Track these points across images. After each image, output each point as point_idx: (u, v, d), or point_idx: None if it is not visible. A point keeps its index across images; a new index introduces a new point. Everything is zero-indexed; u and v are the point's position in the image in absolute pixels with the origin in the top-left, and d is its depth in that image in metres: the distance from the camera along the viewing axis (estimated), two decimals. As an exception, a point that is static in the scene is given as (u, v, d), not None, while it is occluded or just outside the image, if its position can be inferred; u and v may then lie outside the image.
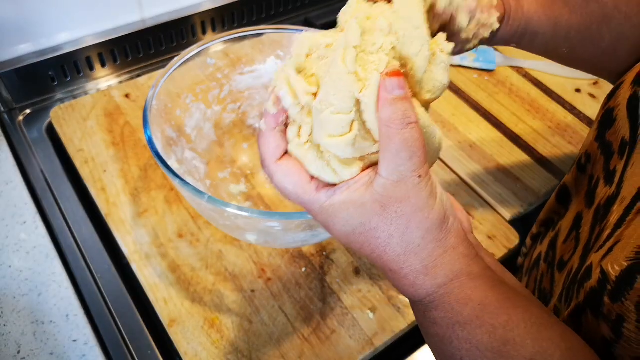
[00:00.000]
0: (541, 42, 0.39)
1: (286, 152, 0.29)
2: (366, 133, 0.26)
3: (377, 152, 0.27)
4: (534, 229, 0.52)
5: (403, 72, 0.26)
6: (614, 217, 0.33)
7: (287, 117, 0.28)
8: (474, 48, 0.37)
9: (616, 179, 0.36)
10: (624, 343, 0.29)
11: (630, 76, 0.38)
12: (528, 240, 0.53)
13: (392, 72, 0.25)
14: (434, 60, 0.27)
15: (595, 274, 0.31)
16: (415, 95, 0.27)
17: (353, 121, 0.26)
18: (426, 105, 0.29)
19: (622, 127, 0.37)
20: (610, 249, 0.31)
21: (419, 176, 0.26)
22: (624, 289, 0.28)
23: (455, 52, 0.36)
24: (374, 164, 0.28)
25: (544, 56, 0.43)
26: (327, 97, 0.25)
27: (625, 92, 0.37)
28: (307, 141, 0.27)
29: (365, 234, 0.27)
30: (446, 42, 0.28)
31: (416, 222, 0.26)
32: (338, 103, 0.25)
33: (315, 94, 0.26)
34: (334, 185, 0.28)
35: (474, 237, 0.31)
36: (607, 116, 0.39)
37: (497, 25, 0.36)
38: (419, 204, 0.26)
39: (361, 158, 0.27)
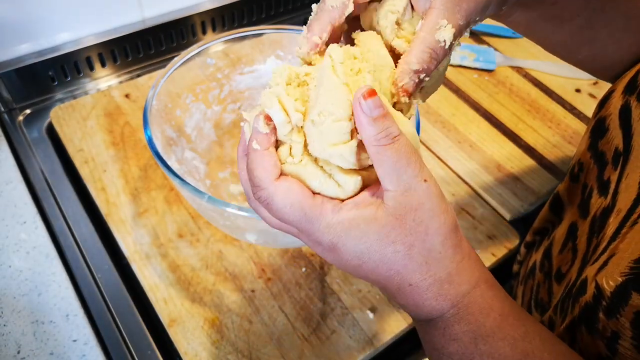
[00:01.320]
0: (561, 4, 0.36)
1: (281, 174, 0.27)
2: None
3: None
4: (528, 237, 0.52)
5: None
6: (610, 230, 0.33)
7: (276, 140, 0.28)
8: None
9: (611, 190, 0.35)
10: None
11: (620, 85, 0.38)
12: (522, 249, 0.53)
13: (367, 93, 0.24)
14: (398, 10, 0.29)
15: (590, 289, 0.31)
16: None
17: (352, 129, 0.26)
18: (408, 106, 0.30)
19: (615, 136, 0.36)
20: (605, 263, 0.31)
21: (425, 180, 0.25)
22: (618, 305, 0.28)
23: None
24: (374, 178, 0.27)
25: (558, 28, 0.38)
26: (326, 107, 0.26)
27: (617, 102, 0.37)
28: (301, 160, 0.27)
29: (382, 251, 0.26)
30: None
31: (434, 227, 0.26)
32: (337, 111, 0.25)
33: (304, 114, 0.27)
34: (339, 199, 0.27)
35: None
36: (599, 125, 0.39)
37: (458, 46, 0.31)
38: (434, 209, 0.25)
39: (362, 170, 0.27)
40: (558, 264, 0.42)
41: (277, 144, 0.28)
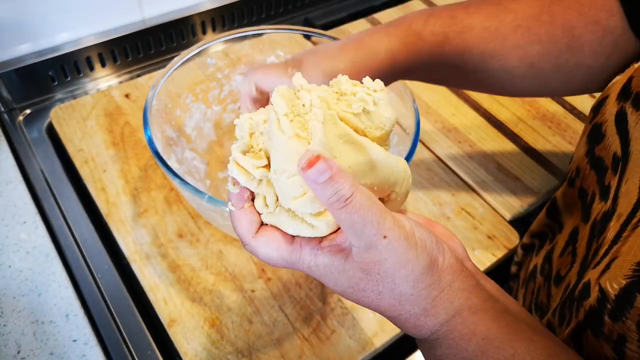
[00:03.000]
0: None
1: (262, 225, 0.29)
2: None
3: None
4: (526, 239, 0.52)
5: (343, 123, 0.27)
6: (610, 234, 0.33)
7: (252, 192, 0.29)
8: None
9: (611, 195, 0.35)
10: None
11: (613, 91, 0.37)
12: (519, 250, 0.53)
13: (307, 164, 0.24)
14: (373, 101, 0.28)
15: (594, 292, 0.31)
16: (366, 134, 0.28)
17: None
18: (382, 139, 0.29)
19: (613, 142, 0.36)
20: (608, 266, 0.31)
21: (384, 237, 0.25)
22: (624, 308, 0.28)
23: None
24: None
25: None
26: (279, 165, 0.26)
27: (612, 108, 0.37)
28: (276, 207, 0.28)
29: (356, 294, 0.27)
30: (372, 81, 0.29)
31: (401, 277, 0.26)
32: (290, 167, 0.26)
33: (267, 165, 0.27)
34: (316, 239, 0.28)
35: (471, 263, 0.30)
36: (596, 131, 0.39)
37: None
38: (398, 262, 0.26)
39: None
40: (557, 267, 0.42)
41: (254, 196, 0.29)
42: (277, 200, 0.28)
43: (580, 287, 0.33)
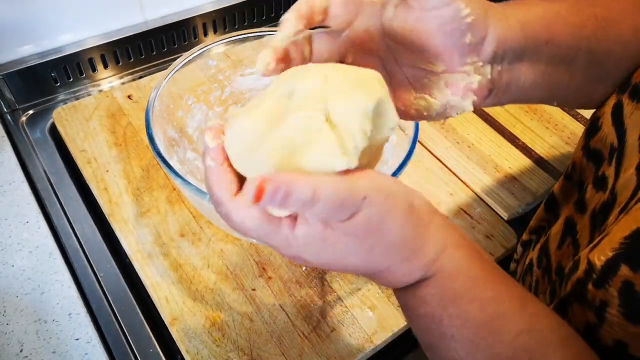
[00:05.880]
0: (533, 101, 0.38)
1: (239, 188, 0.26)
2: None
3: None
4: (525, 236, 0.52)
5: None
6: (611, 222, 0.34)
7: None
8: (436, 119, 0.33)
9: (609, 185, 0.36)
10: (607, 327, 0.29)
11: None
12: (519, 247, 0.53)
13: (256, 195, 0.23)
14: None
15: (582, 266, 0.32)
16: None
17: None
18: (379, 148, 0.28)
19: (609, 133, 0.37)
20: (598, 243, 0.31)
21: (364, 198, 0.24)
22: (607, 277, 0.29)
23: (410, 117, 0.33)
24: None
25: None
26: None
27: (610, 101, 0.37)
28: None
29: (343, 261, 0.26)
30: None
31: (388, 225, 0.26)
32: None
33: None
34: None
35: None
36: (593, 125, 0.39)
37: (470, 109, 0.31)
38: (382, 211, 0.25)
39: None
40: (558, 259, 0.42)
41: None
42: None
43: (570, 265, 0.34)
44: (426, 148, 0.66)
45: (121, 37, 0.70)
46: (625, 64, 0.36)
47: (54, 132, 0.65)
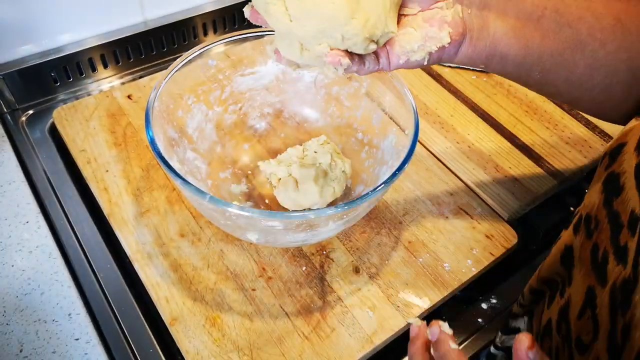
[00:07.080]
0: (512, 65, 0.38)
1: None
2: None
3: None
4: (534, 283, 0.48)
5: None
6: (638, 312, 0.31)
7: None
8: (423, 62, 0.37)
9: (630, 259, 0.33)
10: None
11: (632, 138, 0.35)
12: (527, 293, 0.49)
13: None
14: None
15: None
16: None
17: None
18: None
19: (631, 198, 0.34)
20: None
21: None
22: None
23: (400, 65, 0.37)
24: None
25: (517, 82, 0.41)
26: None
27: (630, 159, 0.35)
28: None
29: None
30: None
31: None
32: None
33: None
34: None
35: None
36: (614, 182, 0.36)
37: (447, 40, 0.35)
38: None
39: None
40: (577, 331, 0.39)
41: None
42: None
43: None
44: (426, 148, 0.66)
45: (121, 37, 0.70)
46: (601, 36, 0.37)
47: (54, 132, 0.65)
